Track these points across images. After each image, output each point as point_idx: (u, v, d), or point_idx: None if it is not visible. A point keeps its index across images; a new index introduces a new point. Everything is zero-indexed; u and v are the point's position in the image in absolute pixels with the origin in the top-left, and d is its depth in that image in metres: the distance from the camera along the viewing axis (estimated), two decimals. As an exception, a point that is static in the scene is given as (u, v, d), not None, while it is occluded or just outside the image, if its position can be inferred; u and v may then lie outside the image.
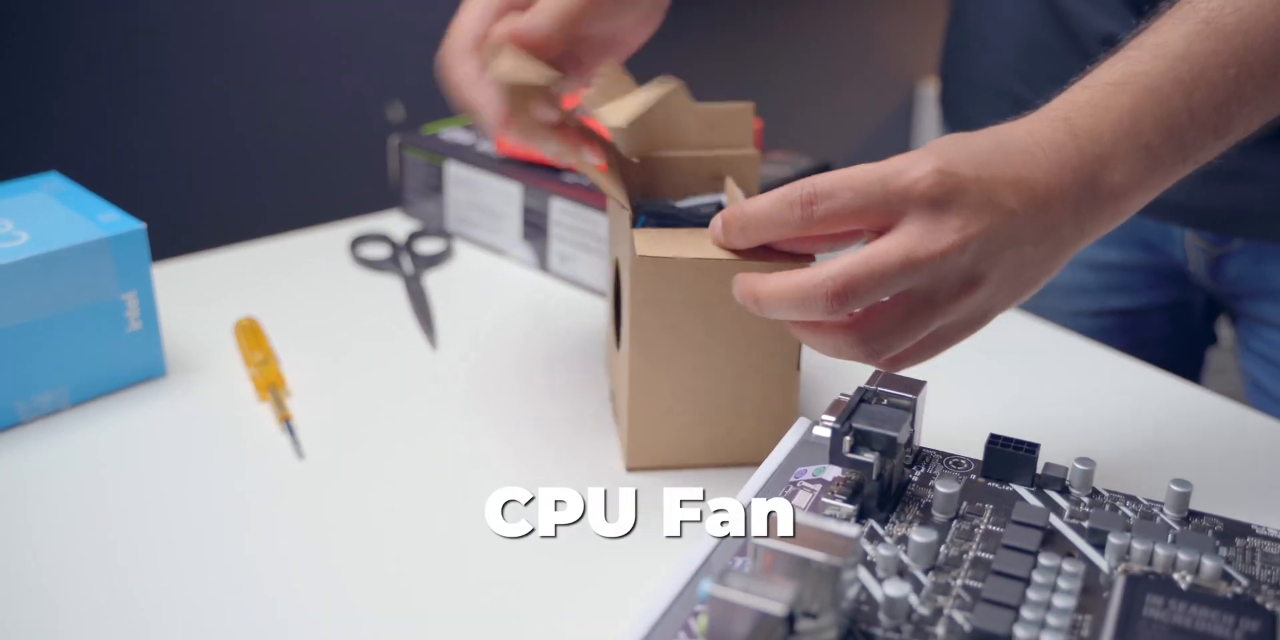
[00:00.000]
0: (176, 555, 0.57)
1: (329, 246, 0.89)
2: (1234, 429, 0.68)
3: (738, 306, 0.56)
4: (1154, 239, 0.89)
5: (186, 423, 0.68)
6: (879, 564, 0.46)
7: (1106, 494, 0.51)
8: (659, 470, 0.63)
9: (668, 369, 0.60)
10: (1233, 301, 0.90)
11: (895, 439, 0.48)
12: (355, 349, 0.76)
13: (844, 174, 0.52)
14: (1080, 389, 0.72)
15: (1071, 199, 0.53)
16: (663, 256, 0.57)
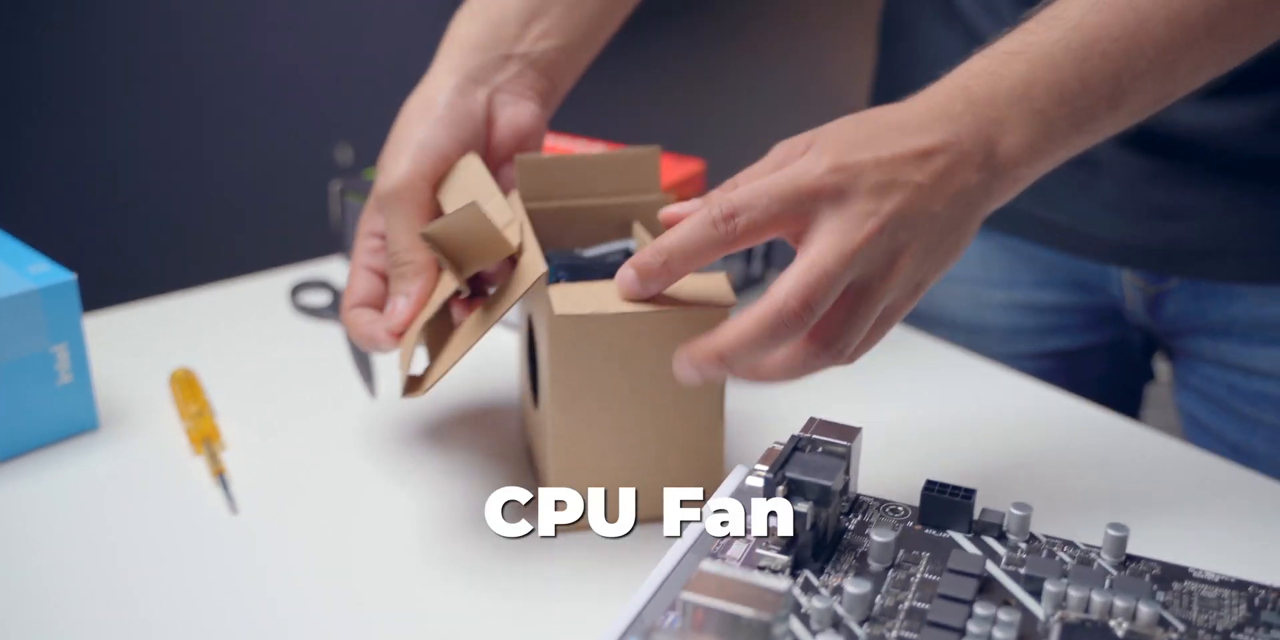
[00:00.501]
0: (108, 614, 0.55)
1: (268, 294, 0.88)
2: (1172, 467, 0.68)
3: (659, 359, 0.56)
4: (1091, 280, 0.90)
5: (119, 477, 0.66)
6: (813, 616, 0.45)
7: (1044, 539, 0.50)
8: (585, 531, 0.61)
9: (590, 427, 0.58)
10: (1170, 339, 0.90)
11: (829, 488, 0.48)
12: (293, 399, 0.75)
13: (752, 186, 0.53)
14: (1019, 430, 0.72)
15: (973, 163, 0.54)
16: (582, 314, 0.56)
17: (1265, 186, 0.79)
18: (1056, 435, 0.71)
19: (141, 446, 0.69)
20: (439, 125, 0.65)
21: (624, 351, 0.57)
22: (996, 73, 0.56)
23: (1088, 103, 0.57)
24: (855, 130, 0.54)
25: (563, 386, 0.57)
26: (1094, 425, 0.73)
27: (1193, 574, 0.48)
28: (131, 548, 0.60)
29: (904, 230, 0.53)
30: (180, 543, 0.61)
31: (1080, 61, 0.56)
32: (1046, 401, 0.76)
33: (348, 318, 0.64)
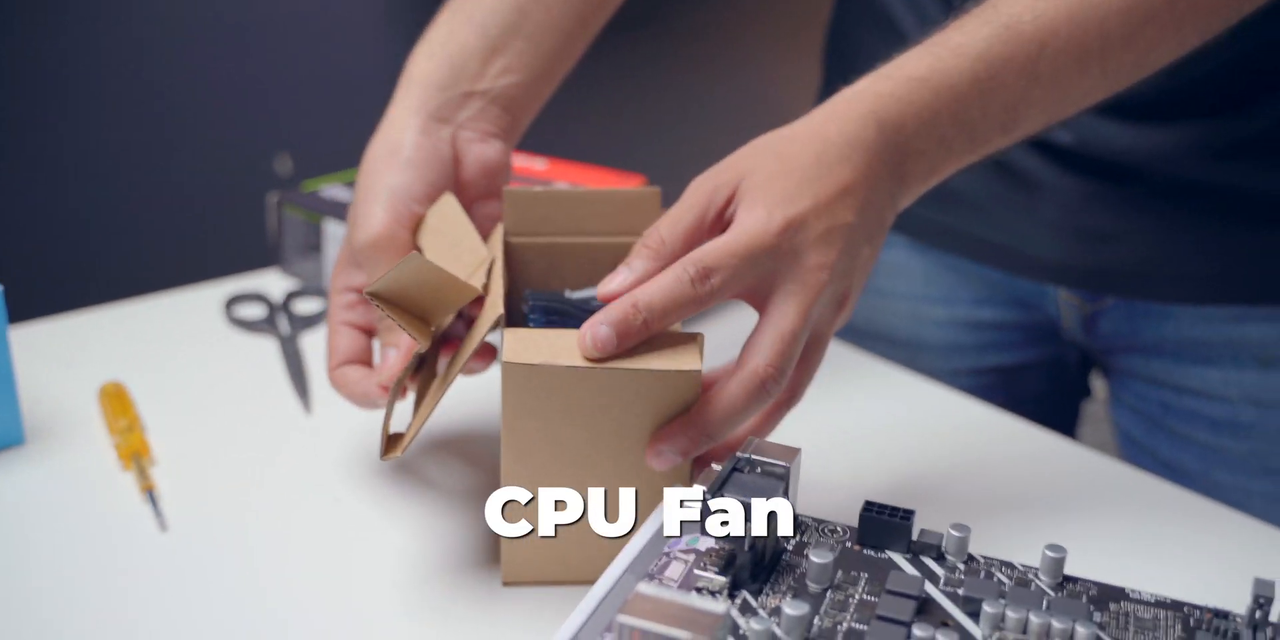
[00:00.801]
0: (30, 632, 0.54)
1: (202, 306, 0.86)
2: (1107, 486, 0.68)
3: (620, 417, 0.53)
4: (1028, 298, 0.90)
5: (45, 493, 0.64)
6: (750, 638, 0.44)
7: (982, 560, 0.50)
8: (539, 585, 0.58)
9: (546, 480, 0.55)
10: (1105, 356, 0.91)
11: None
12: (226, 414, 0.73)
13: (721, 245, 0.53)
14: (958, 447, 0.72)
15: (886, 189, 0.57)
16: (534, 364, 0.52)
17: (1196, 211, 0.80)
18: (994, 453, 0.71)
19: (69, 462, 0.67)
20: (409, 169, 0.63)
21: (581, 405, 0.53)
22: (904, 99, 0.58)
23: (985, 129, 0.60)
24: (780, 172, 0.55)
25: (516, 436, 0.54)
26: (1031, 443, 0.73)
27: (1129, 595, 0.48)
28: (56, 565, 0.59)
29: (844, 275, 0.56)
30: (107, 560, 0.59)
31: (982, 93, 0.58)
32: (983, 419, 0.76)
33: (334, 377, 0.63)
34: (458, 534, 0.62)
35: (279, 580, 0.58)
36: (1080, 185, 0.81)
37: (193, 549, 0.60)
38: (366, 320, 0.65)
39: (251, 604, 0.56)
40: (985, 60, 0.58)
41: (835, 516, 0.53)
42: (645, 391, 0.53)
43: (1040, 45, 0.59)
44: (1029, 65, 0.59)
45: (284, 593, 0.57)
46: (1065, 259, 0.85)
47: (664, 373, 0.53)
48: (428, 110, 0.65)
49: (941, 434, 0.73)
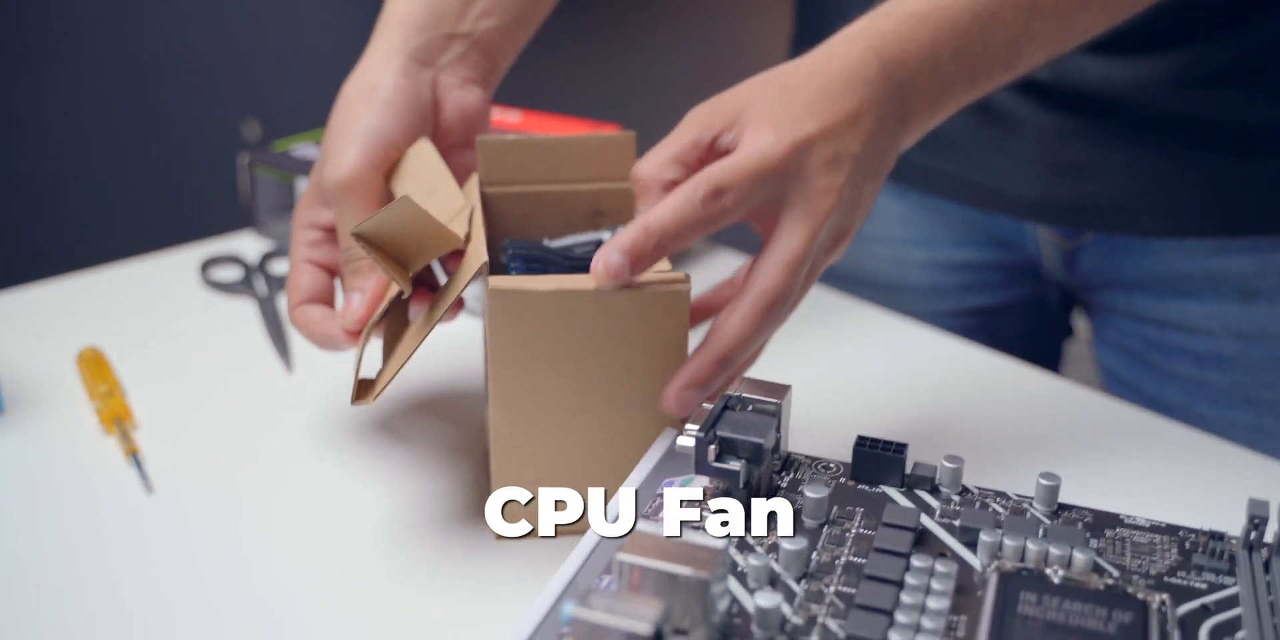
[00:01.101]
0: (22, 600, 0.53)
1: (177, 270, 0.85)
2: (1096, 418, 0.68)
3: (613, 345, 0.53)
4: (1007, 236, 0.90)
5: (28, 460, 0.64)
6: (750, 574, 0.44)
7: (976, 491, 0.50)
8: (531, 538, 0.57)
9: (534, 427, 0.54)
10: (1087, 294, 0.90)
11: (762, 445, 0.47)
12: (206, 376, 0.72)
13: (731, 164, 0.52)
14: (944, 386, 0.71)
15: (890, 126, 0.57)
16: (520, 289, 0.51)
17: (1175, 143, 0.79)
18: (980, 391, 0.71)
19: (50, 429, 0.66)
20: (386, 111, 0.62)
21: (573, 335, 0.52)
22: (905, 36, 0.57)
23: (987, 65, 0.59)
24: (785, 100, 0.54)
25: (504, 372, 0.53)
26: (1016, 379, 0.73)
27: (1124, 520, 0.48)
28: (43, 531, 0.58)
29: (849, 206, 0.55)
30: (95, 523, 0.58)
31: (983, 28, 0.58)
32: (969, 358, 0.76)
33: (295, 315, 0.61)
34: (447, 489, 0.61)
35: (268, 540, 0.57)
36: (1057, 120, 0.81)
37: (180, 510, 0.60)
38: (330, 259, 0.63)
39: (241, 563, 0.56)
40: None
41: (826, 455, 0.53)
42: (635, 313, 0.52)
43: None
44: (1027, 1, 0.58)
45: (273, 552, 0.57)
46: (1044, 195, 0.84)
47: (654, 291, 0.52)
48: (408, 51, 0.64)
49: (927, 374, 0.73)
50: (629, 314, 0.52)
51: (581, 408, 0.54)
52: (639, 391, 0.54)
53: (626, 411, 0.55)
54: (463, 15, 0.65)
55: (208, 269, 0.84)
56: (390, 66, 0.63)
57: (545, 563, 0.55)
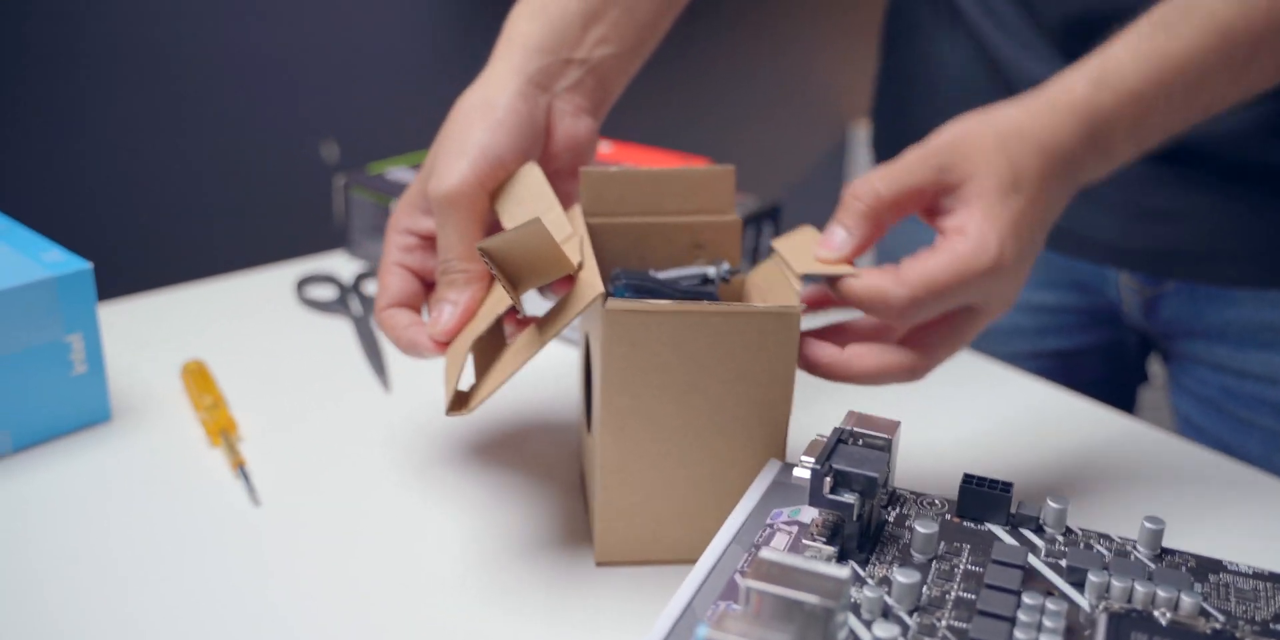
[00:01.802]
0: (133, 609, 0.55)
1: (274, 288, 0.87)
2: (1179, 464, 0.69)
3: (718, 387, 0.54)
4: (1088, 281, 0.91)
5: (135, 469, 0.66)
6: (864, 606, 0.45)
7: (1080, 533, 0.51)
8: (633, 565, 0.59)
9: (642, 456, 0.55)
10: (1165, 341, 0.91)
11: (875, 479, 0.48)
12: (305, 391, 0.74)
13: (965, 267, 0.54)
14: (1031, 427, 0.72)
15: (1059, 208, 0.58)
16: (637, 309, 0.52)
17: (1262, 192, 0.80)
18: (1067, 433, 0.72)
19: (156, 439, 0.68)
20: (500, 129, 0.62)
21: (685, 360, 0.54)
22: (1116, 117, 0.58)
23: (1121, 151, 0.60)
24: (1010, 186, 0.55)
25: (613, 409, 0.54)
26: (1100, 423, 0.74)
27: (1227, 567, 0.49)
28: (153, 541, 0.60)
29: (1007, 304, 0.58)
30: (203, 534, 0.60)
31: (1188, 98, 0.59)
32: (1053, 400, 0.76)
33: (382, 318, 0.62)
34: (545, 513, 0.63)
35: (370, 556, 0.59)
36: (1143, 166, 0.82)
37: (287, 523, 0.61)
38: (422, 266, 0.64)
39: (346, 579, 0.57)
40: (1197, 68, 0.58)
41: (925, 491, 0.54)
42: (748, 333, 0.53)
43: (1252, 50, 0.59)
44: (1238, 71, 0.59)
45: (375, 568, 0.58)
46: (1126, 240, 0.85)
47: (768, 312, 0.53)
48: (527, 73, 0.64)
49: (1014, 415, 0.74)
50: (742, 336, 0.54)
51: (688, 436, 0.56)
52: (744, 422, 0.55)
53: (731, 442, 0.56)
54: (581, 41, 0.66)
55: (303, 287, 0.86)
56: (508, 86, 0.63)
57: (649, 590, 0.57)
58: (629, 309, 0.53)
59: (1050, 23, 0.80)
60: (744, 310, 0.53)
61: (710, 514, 0.57)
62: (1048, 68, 0.81)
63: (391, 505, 0.63)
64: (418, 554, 0.59)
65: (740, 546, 0.50)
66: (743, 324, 0.53)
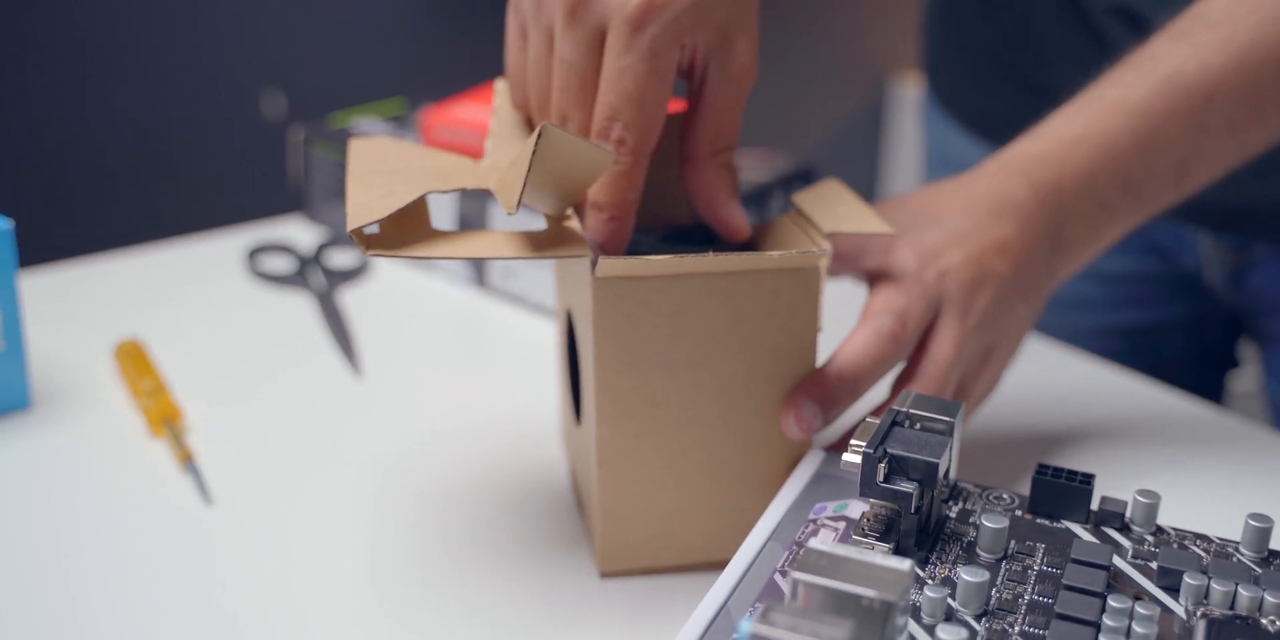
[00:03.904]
0: (72, 623, 0.55)
1: (220, 257, 0.87)
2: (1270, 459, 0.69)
3: (728, 358, 0.54)
4: (1166, 245, 0.91)
5: (61, 464, 0.66)
6: (924, 608, 0.46)
7: (1173, 532, 0.51)
8: (644, 574, 0.58)
9: (645, 446, 0.55)
10: (1256, 319, 0.91)
11: (936, 465, 0.48)
12: (262, 376, 0.74)
13: (898, 291, 0.59)
14: (1107, 417, 0.72)
15: (1043, 252, 0.63)
16: (629, 275, 0.52)
17: None
18: (1142, 423, 0.72)
19: (84, 429, 0.68)
20: None
21: (689, 330, 0.54)
22: (1059, 161, 0.63)
23: (1152, 188, 0.65)
24: (929, 231, 0.61)
25: (609, 394, 0.54)
26: (1180, 412, 0.74)
27: (1344, 569, 0.50)
28: (86, 546, 0.60)
29: (992, 324, 0.61)
30: (147, 538, 0.60)
31: (1145, 150, 0.63)
32: (1126, 385, 0.77)
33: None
34: (538, 517, 0.63)
35: (337, 564, 0.59)
36: None
37: (242, 524, 0.61)
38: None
39: (308, 587, 0.57)
40: (1147, 116, 0.63)
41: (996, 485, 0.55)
42: (762, 292, 0.54)
43: (1207, 97, 0.63)
44: (1197, 118, 0.63)
45: (346, 575, 0.58)
46: (1208, 196, 0.85)
47: (783, 266, 0.54)
48: None
49: (1081, 401, 0.74)
50: (754, 298, 0.54)
51: (698, 420, 0.56)
52: (761, 400, 0.56)
53: (748, 424, 0.56)
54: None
55: (256, 258, 0.86)
56: None
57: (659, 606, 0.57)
58: (621, 275, 0.52)
59: None
60: (752, 267, 0.53)
61: (729, 508, 0.57)
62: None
63: (360, 504, 0.63)
64: (386, 559, 0.59)
65: (779, 544, 0.50)
66: (751, 284, 0.54)
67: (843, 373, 0.56)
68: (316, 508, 0.63)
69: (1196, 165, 0.65)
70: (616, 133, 0.53)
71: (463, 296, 0.84)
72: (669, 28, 0.52)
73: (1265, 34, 0.63)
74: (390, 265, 0.87)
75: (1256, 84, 0.63)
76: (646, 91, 0.53)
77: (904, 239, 0.61)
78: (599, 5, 0.53)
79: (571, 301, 0.59)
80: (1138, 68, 0.65)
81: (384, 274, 0.86)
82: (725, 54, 0.55)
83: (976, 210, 0.62)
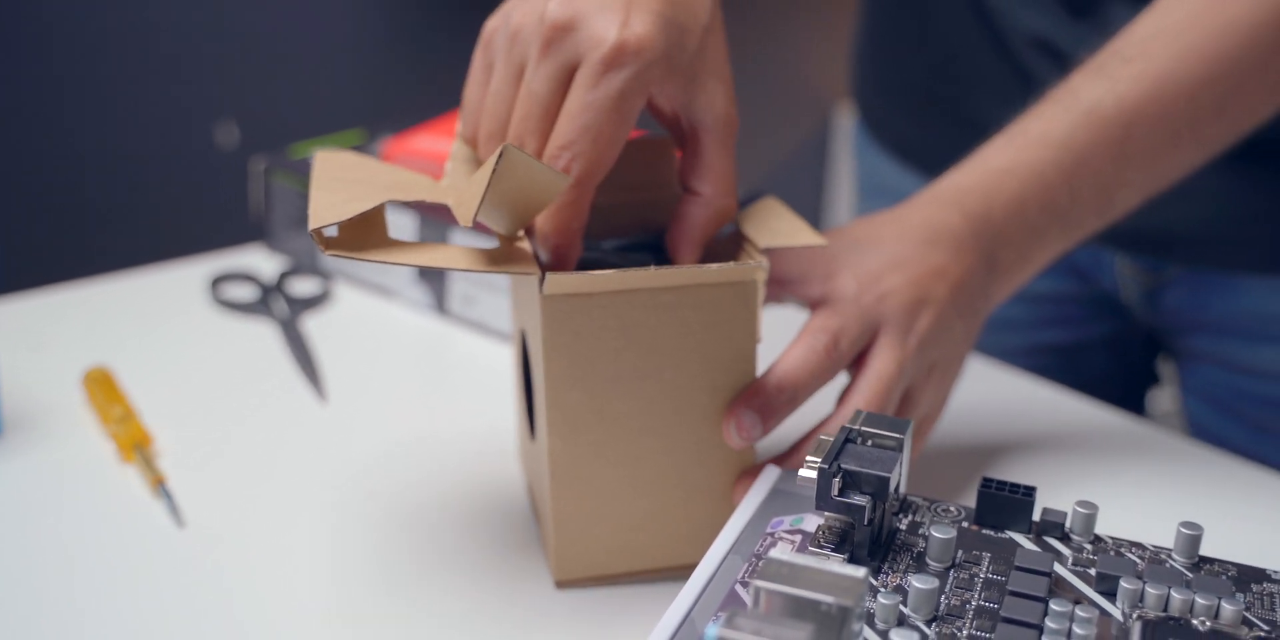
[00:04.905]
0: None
1: (184, 286, 0.87)
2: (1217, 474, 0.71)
3: (674, 369, 0.56)
4: (1086, 266, 0.93)
5: (34, 490, 0.65)
6: (878, 614, 0.47)
7: (1110, 540, 0.53)
8: (598, 584, 0.59)
9: (597, 457, 0.57)
10: (1172, 337, 0.93)
11: (888, 479, 0.50)
12: (228, 403, 0.74)
13: (835, 310, 0.61)
14: (1041, 431, 0.74)
15: (979, 277, 0.64)
16: (576, 293, 0.53)
17: (1268, 171, 0.82)
18: (1073, 436, 0.73)
19: (56, 455, 0.68)
20: None
21: (635, 343, 0.55)
22: (989, 191, 0.65)
23: (1078, 214, 0.67)
24: (866, 260, 0.63)
25: (561, 408, 0.55)
26: (1108, 425, 0.75)
27: (1271, 576, 0.51)
28: (64, 569, 0.59)
29: (935, 344, 0.63)
30: (121, 560, 0.60)
31: (1069, 179, 0.66)
32: (1055, 400, 0.78)
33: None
34: (495, 529, 0.63)
35: (310, 582, 0.59)
36: None
37: (215, 545, 0.61)
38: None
39: (283, 604, 0.58)
40: (1070, 147, 0.65)
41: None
42: (705, 315, 0.55)
43: (1126, 127, 0.65)
44: (1117, 148, 0.65)
45: (318, 596, 0.58)
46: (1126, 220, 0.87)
47: (723, 288, 0.55)
48: None
49: (1015, 416, 0.76)
50: (696, 311, 0.55)
51: (647, 431, 0.57)
52: (706, 409, 0.57)
53: (695, 433, 0.57)
54: None
55: (218, 286, 0.86)
56: None
57: (616, 610, 0.58)
58: (569, 292, 0.54)
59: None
60: (693, 281, 0.55)
61: (680, 516, 0.58)
62: (1048, 22, 0.83)
63: (327, 523, 0.63)
64: (351, 574, 0.60)
65: (739, 556, 0.51)
66: (693, 297, 0.55)
67: (780, 384, 0.58)
68: (286, 527, 0.63)
69: (1119, 192, 0.67)
70: (564, 161, 0.54)
71: (423, 323, 0.85)
72: (641, 73, 0.53)
73: (1176, 67, 0.65)
74: (351, 293, 0.88)
75: (1170, 114, 0.65)
76: (604, 127, 0.54)
77: (845, 266, 0.62)
78: (575, 42, 0.54)
79: (524, 320, 0.60)
80: (1060, 102, 0.67)
81: (345, 301, 0.87)
82: (704, 103, 0.57)
83: (913, 238, 0.64)
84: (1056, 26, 0.83)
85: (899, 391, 0.61)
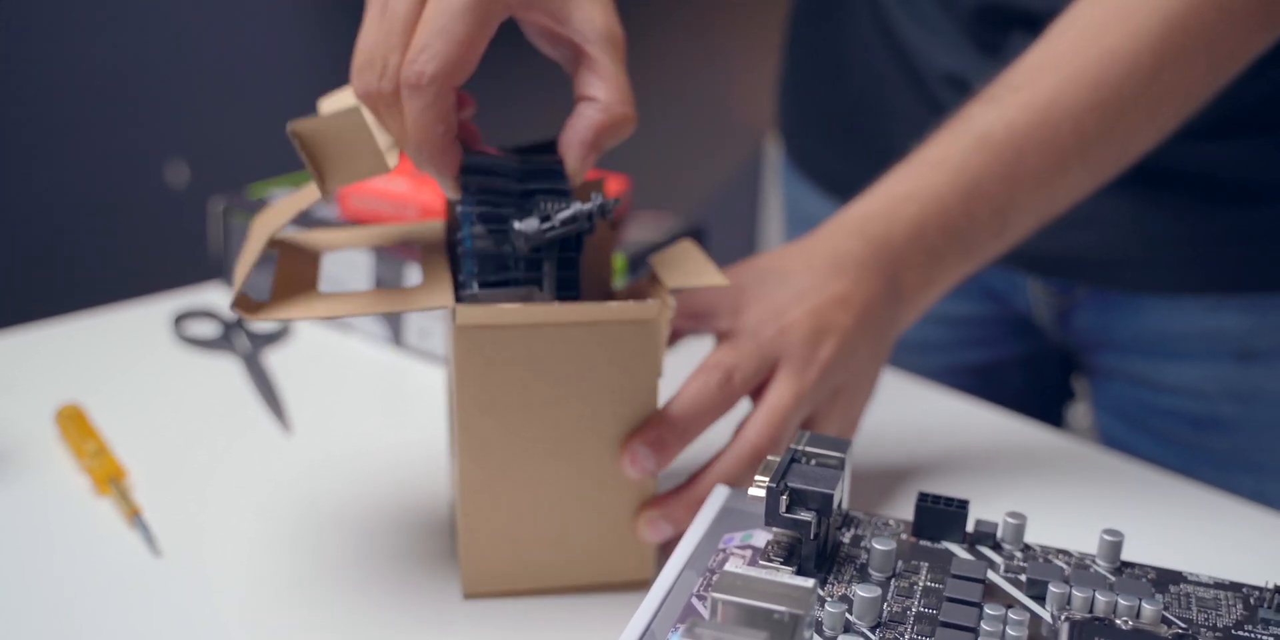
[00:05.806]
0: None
1: (147, 324, 0.88)
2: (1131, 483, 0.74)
3: (579, 399, 0.57)
4: (999, 289, 0.95)
5: (12, 524, 0.66)
6: (825, 622, 0.49)
7: (1039, 548, 0.55)
8: (505, 596, 0.61)
9: (506, 478, 0.58)
10: (1082, 354, 0.96)
11: (831, 496, 0.52)
12: (197, 436, 0.75)
13: (733, 346, 0.62)
14: (965, 446, 0.76)
15: (882, 301, 0.66)
16: (487, 324, 0.55)
17: (1166, 195, 0.85)
18: (996, 451, 0.76)
19: (32, 490, 0.68)
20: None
21: (543, 374, 0.57)
22: (890, 216, 0.67)
23: (975, 236, 0.68)
24: (778, 284, 0.65)
25: (472, 430, 0.57)
26: (1028, 439, 0.78)
27: (1187, 577, 0.54)
28: (43, 601, 0.60)
29: (839, 368, 0.64)
30: (96, 590, 0.60)
31: (966, 202, 0.67)
32: (977, 416, 0.81)
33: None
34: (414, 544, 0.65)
35: (290, 604, 0.60)
36: None
37: (191, 573, 0.62)
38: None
39: (263, 626, 0.59)
40: (964, 172, 0.67)
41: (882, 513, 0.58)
42: (610, 348, 0.57)
43: (1016, 151, 0.67)
44: (1009, 171, 0.67)
45: (295, 616, 0.60)
46: (1030, 246, 0.90)
47: (628, 325, 0.57)
48: None
49: (940, 433, 0.78)
50: (601, 347, 0.57)
51: (553, 456, 0.58)
52: (609, 438, 0.59)
53: (599, 459, 0.59)
54: None
55: (181, 323, 0.87)
56: None
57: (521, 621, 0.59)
58: (479, 324, 0.55)
59: (962, 11, 0.85)
60: (597, 318, 0.56)
61: (584, 537, 0.60)
62: (960, 61, 0.86)
63: (293, 545, 0.64)
64: (333, 601, 0.61)
65: (694, 572, 0.52)
66: (598, 334, 0.57)
67: (673, 420, 0.60)
68: (256, 553, 0.64)
69: (1014, 215, 0.69)
70: (420, 63, 0.53)
71: (381, 355, 0.86)
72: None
73: (1062, 94, 0.67)
74: (310, 328, 0.89)
75: (1057, 140, 0.67)
76: (458, 28, 0.53)
77: (752, 300, 0.64)
78: None
79: (447, 348, 0.62)
80: (955, 130, 0.69)
81: (305, 337, 0.88)
82: (582, 18, 0.57)
83: (818, 266, 0.65)
84: (967, 64, 0.85)
85: (796, 420, 0.63)
